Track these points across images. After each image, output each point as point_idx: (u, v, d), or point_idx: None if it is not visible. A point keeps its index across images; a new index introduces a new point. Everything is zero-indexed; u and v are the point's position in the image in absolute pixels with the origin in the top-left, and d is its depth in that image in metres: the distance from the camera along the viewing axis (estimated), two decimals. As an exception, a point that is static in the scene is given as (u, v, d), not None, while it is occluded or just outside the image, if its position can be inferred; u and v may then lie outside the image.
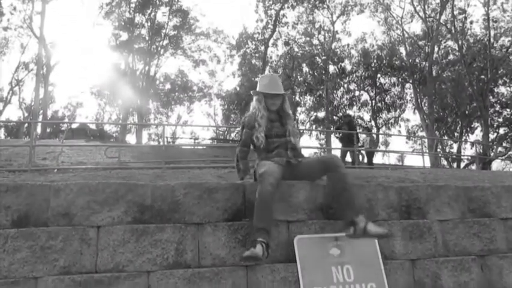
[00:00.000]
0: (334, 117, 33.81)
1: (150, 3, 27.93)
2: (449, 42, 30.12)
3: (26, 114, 38.08)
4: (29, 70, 36.70)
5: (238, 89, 34.34)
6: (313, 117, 34.57)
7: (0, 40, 33.26)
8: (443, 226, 3.50)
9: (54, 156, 12.22)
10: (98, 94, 37.73)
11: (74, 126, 33.66)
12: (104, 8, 27.72)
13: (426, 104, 29.12)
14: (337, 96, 35.09)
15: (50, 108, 39.23)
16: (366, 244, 3.04)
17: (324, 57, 32.06)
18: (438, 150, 29.14)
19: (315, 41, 32.97)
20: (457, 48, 28.67)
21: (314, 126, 33.60)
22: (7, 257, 2.66)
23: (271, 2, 29.68)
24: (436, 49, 29.88)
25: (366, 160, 14.15)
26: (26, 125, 32.16)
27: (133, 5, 28.22)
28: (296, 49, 32.91)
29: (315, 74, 33.54)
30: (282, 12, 30.05)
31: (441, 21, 28.65)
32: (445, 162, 29.95)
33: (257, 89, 3.51)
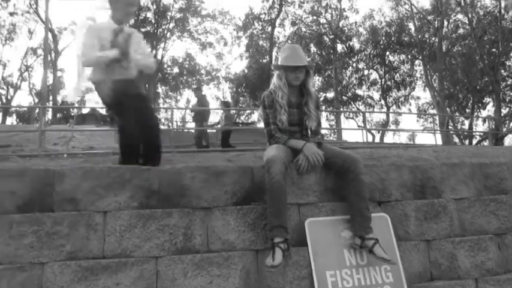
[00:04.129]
0: (344, 97, 33.53)
1: (154, -15, 27.66)
2: (459, 16, 29.48)
3: (36, 100, 38.32)
4: (37, 56, 36.87)
5: (246, 71, 34.10)
6: (322, 98, 34.32)
7: (7, 26, 33.40)
8: (459, 205, 3.39)
9: (65, 141, 12.30)
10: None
11: (84, 111, 33.81)
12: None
13: (436, 81, 28.74)
14: (346, 75, 34.71)
15: (59, 93, 39.42)
16: (379, 225, 2.95)
17: (331, 36, 31.63)
18: (450, 127, 28.82)
19: (322, 20, 32.51)
20: (467, 22, 28.08)
21: (323, 107, 33.33)
22: (13, 243, 2.61)
23: (276, -19, 29.21)
24: (445, 23, 29.31)
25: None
26: (37, 110, 32.35)
27: (137, -12, 27.97)
28: (303, 29, 32.52)
29: (323, 53, 33.15)
30: (288, -10, 29.57)
31: (450, -7, 28.00)
32: (457, 140, 29.65)
33: (278, 63, 3.21)
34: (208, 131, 12.76)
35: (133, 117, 3.18)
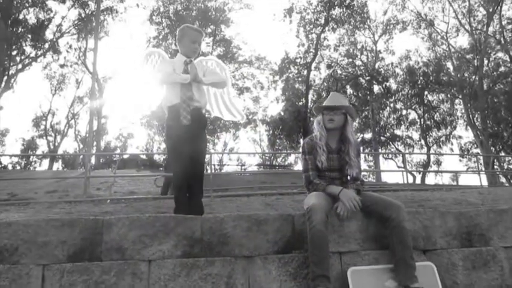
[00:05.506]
0: (382, 138, 33.11)
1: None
2: (500, 54, 29.03)
3: (81, 146, 40.01)
4: (83, 104, 38.87)
5: (282, 114, 34.47)
6: (359, 139, 34.03)
7: (57, 77, 35.78)
8: (509, 253, 3.25)
9: (108, 186, 12.70)
10: (147, 125, 39.01)
11: (125, 156, 34.93)
12: (151, 42, 28.87)
13: (479, 120, 28.01)
14: (384, 116, 34.46)
15: (103, 139, 41.04)
16: (424, 275, 2.87)
17: (367, 78, 31.75)
18: (495, 167, 27.72)
19: (358, 62, 32.81)
20: (508, 59, 27.54)
21: (361, 148, 32.91)
22: (63, 292, 2.71)
23: (312, 26, 29.88)
24: (485, 62, 28.86)
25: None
26: (81, 156, 33.74)
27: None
28: (339, 71, 32.83)
29: (359, 95, 33.21)
30: (323, 35, 30.17)
31: (489, 32, 27.70)
32: (504, 180, 28.37)
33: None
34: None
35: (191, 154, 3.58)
